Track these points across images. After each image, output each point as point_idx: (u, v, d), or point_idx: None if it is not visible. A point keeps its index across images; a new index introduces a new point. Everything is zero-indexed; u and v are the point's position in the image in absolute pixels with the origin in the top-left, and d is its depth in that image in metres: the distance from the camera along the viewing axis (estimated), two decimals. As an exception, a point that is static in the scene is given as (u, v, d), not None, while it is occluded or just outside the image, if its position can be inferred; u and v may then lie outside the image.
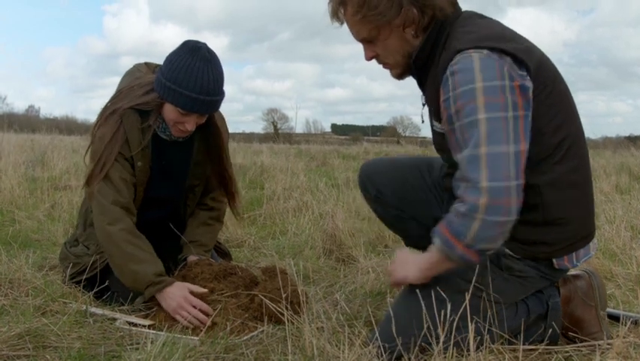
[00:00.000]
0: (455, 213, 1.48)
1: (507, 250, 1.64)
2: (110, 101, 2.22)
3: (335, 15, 1.67)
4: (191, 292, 1.98)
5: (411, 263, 1.65)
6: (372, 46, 1.67)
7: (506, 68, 1.44)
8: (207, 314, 1.93)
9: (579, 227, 1.65)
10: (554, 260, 1.65)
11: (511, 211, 1.42)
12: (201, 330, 1.82)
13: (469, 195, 1.43)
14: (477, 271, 1.61)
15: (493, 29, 1.56)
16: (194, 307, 1.94)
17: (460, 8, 1.67)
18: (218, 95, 2.08)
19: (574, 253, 1.66)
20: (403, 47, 1.65)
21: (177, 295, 1.97)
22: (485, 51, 1.45)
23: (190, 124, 2.11)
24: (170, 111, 2.11)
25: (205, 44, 2.07)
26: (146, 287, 2.01)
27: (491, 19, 1.65)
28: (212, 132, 2.30)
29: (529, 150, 1.48)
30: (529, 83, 1.47)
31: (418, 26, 1.61)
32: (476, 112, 1.42)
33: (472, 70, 1.44)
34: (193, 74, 2.01)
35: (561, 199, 1.60)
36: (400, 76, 1.74)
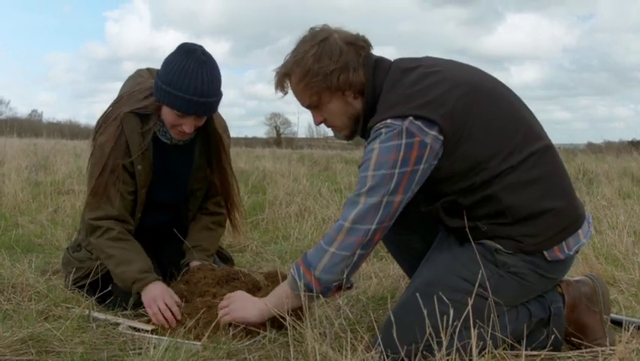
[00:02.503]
0: (315, 246, 1.72)
1: (498, 245, 1.66)
2: (111, 106, 2.23)
3: (280, 86, 1.83)
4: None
5: (251, 304, 1.83)
6: (319, 111, 1.82)
7: (406, 127, 1.60)
8: (175, 318, 1.96)
9: (559, 217, 1.67)
10: (545, 252, 1.66)
11: (359, 247, 1.64)
12: (204, 335, 1.82)
13: (334, 229, 1.67)
14: (475, 271, 1.62)
15: (406, 91, 1.67)
16: (167, 305, 1.97)
17: (386, 63, 1.79)
18: (214, 96, 2.08)
19: (563, 243, 1.68)
20: (346, 110, 1.79)
21: (157, 290, 2.02)
22: (389, 120, 1.63)
23: (188, 126, 2.11)
24: (167, 114, 2.12)
25: (201, 47, 2.08)
26: (132, 285, 2.06)
27: (414, 68, 1.74)
28: (212, 138, 2.30)
29: (478, 176, 1.64)
30: (429, 139, 1.60)
31: (355, 90, 1.76)
32: (367, 169, 1.63)
33: (379, 138, 1.63)
34: (187, 76, 2.01)
35: (523, 198, 1.64)
36: (348, 137, 1.88)
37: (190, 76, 2.01)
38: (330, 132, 1.98)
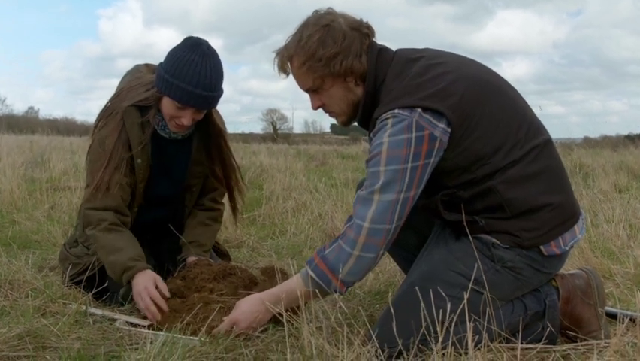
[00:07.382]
0: (334, 246, 1.67)
1: (495, 240, 1.66)
2: (110, 101, 2.23)
3: (282, 68, 1.79)
4: (157, 287, 1.98)
5: (264, 314, 1.78)
6: (318, 95, 1.79)
7: (415, 120, 1.58)
8: (161, 311, 1.93)
9: (556, 212, 1.67)
10: (541, 247, 1.67)
11: (382, 248, 1.64)
12: (201, 330, 1.82)
13: (352, 230, 1.63)
14: (472, 265, 1.63)
15: (412, 82, 1.65)
16: (152, 299, 1.94)
17: (389, 52, 1.77)
18: (215, 90, 2.08)
19: (560, 238, 1.68)
20: (346, 96, 1.77)
21: (141, 282, 1.99)
22: (396, 110, 1.60)
23: (186, 119, 2.11)
24: (167, 105, 2.11)
25: (206, 41, 2.09)
26: (122, 274, 2.04)
27: (418, 59, 1.72)
28: (212, 132, 2.30)
29: (480, 170, 1.64)
30: (438, 132, 1.59)
31: (357, 76, 1.74)
32: (378, 164, 1.60)
33: (385, 129, 1.61)
34: (191, 68, 2.01)
35: (523, 192, 1.64)
36: (345, 123, 1.85)
37: (194, 68, 2.01)
38: (326, 128, 1.98)
